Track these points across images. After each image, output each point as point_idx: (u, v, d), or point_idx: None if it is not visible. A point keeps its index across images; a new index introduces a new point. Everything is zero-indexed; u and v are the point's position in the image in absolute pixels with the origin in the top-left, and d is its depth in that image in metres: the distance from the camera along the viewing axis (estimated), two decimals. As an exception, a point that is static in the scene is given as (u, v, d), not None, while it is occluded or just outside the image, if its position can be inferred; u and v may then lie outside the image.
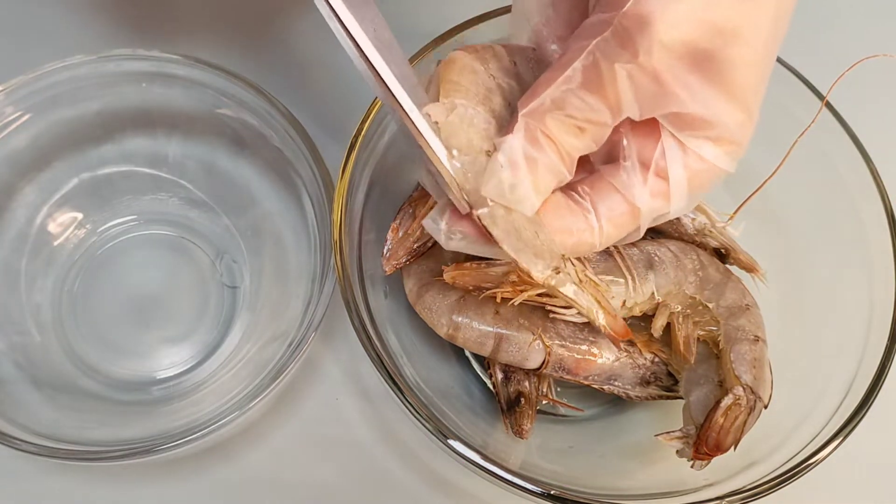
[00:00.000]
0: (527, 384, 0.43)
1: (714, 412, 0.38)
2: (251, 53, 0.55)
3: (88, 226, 0.49)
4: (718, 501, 0.36)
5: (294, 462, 0.45)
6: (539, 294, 0.38)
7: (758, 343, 0.40)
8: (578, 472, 0.41)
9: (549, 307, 0.39)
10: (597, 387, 0.42)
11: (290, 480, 0.45)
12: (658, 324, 0.42)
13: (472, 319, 0.40)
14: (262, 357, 0.43)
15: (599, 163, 0.34)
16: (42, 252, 0.48)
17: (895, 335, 0.39)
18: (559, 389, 0.45)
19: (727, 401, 0.38)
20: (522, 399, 0.42)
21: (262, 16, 0.56)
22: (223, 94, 0.46)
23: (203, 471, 0.45)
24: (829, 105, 0.42)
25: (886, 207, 0.41)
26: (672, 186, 0.32)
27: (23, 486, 0.44)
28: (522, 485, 0.35)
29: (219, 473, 0.45)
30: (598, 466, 0.43)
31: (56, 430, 0.40)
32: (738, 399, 0.38)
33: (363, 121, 0.41)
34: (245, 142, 0.47)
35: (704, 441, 0.38)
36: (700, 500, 0.36)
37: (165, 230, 0.50)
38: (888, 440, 0.47)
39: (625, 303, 0.41)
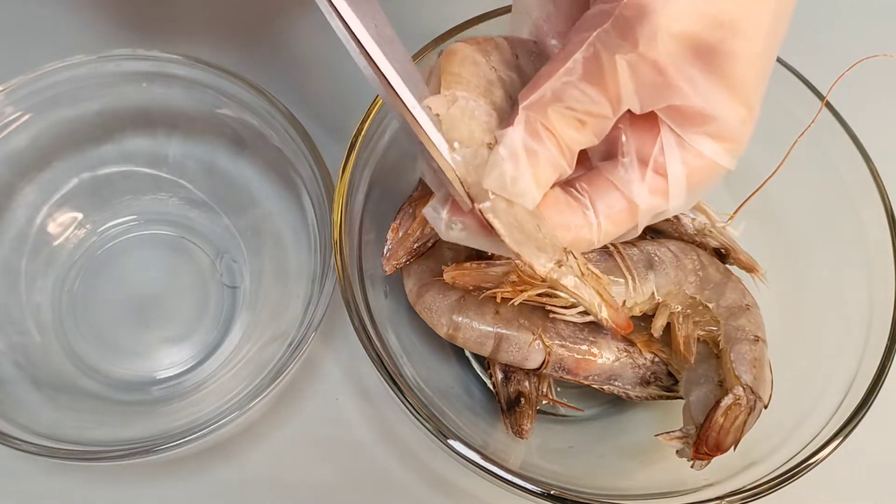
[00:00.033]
0: (527, 384, 0.43)
1: (714, 412, 0.38)
2: (251, 53, 0.54)
3: (88, 226, 0.49)
4: (718, 501, 0.36)
5: (294, 462, 0.45)
6: (539, 294, 0.38)
7: (758, 343, 0.40)
8: (578, 472, 0.41)
9: (549, 307, 0.39)
10: (597, 387, 0.42)
11: (290, 480, 0.45)
12: (658, 324, 0.41)
13: (472, 319, 0.40)
14: (262, 357, 0.43)
15: (598, 160, 0.34)
16: (42, 252, 0.48)
17: (895, 335, 0.39)
18: (559, 389, 0.45)
19: (727, 401, 0.38)
20: (522, 399, 0.42)
21: (262, 16, 0.56)
22: (223, 94, 0.46)
23: (203, 471, 0.45)
24: (829, 105, 0.42)
25: (886, 207, 0.41)
26: (671, 183, 0.32)
27: (23, 486, 0.44)
28: (522, 485, 0.35)
29: (219, 473, 0.45)
30: (598, 466, 0.43)
31: (56, 430, 0.40)
32: (738, 399, 0.38)
33: (363, 121, 0.41)
34: (245, 142, 0.47)
35: (704, 441, 0.38)
36: (700, 500, 0.36)
37: (165, 230, 0.50)
38: (888, 440, 0.47)
39: (625, 303, 0.41)
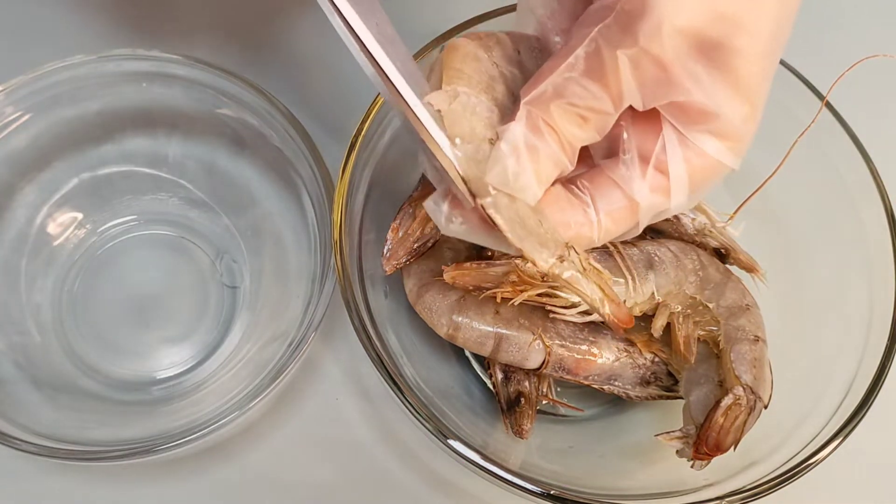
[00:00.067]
0: (527, 384, 0.43)
1: (714, 412, 0.38)
2: (251, 53, 0.55)
3: (88, 226, 0.49)
4: (718, 501, 0.36)
5: (294, 462, 0.45)
6: (539, 294, 0.38)
7: (758, 343, 0.40)
8: (578, 472, 0.41)
9: (549, 307, 0.39)
10: (597, 387, 0.42)
11: (290, 480, 0.45)
12: (658, 324, 0.41)
13: (472, 319, 0.40)
14: (262, 357, 0.43)
15: (600, 157, 0.34)
16: (42, 252, 0.48)
17: (895, 335, 0.39)
18: (559, 389, 0.45)
19: (727, 401, 0.38)
20: (522, 399, 0.42)
21: (262, 16, 0.56)
22: (223, 94, 0.46)
23: (203, 471, 0.45)
24: (829, 105, 0.42)
25: (886, 207, 0.41)
26: (672, 181, 0.32)
27: (23, 486, 0.44)
28: (522, 485, 0.35)
29: (219, 473, 0.45)
30: (598, 466, 0.43)
31: (56, 430, 0.40)
32: (738, 399, 0.38)
33: (363, 121, 0.41)
34: (245, 142, 0.47)
35: (704, 441, 0.38)
36: (700, 500, 0.36)
37: (165, 230, 0.50)
38: (888, 440, 0.47)
39: (625, 303, 0.41)
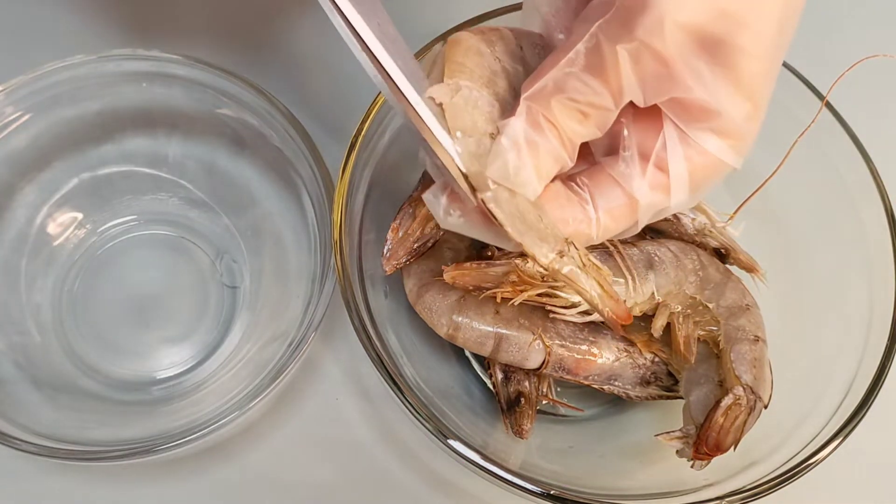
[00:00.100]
0: (527, 384, 0.43)
1: (714, 412, 0.38)
2: (251, 53, 0.55)
3: (88, 226, 0.49)
4: (718, 501, 0.36)
5: (294, 462, 0.45)
6: (539, 294, 0.38)
7: (758, 343, 0.40)
8: (578, 472, 0.41)
9: (549, 307, 0.39)
10: (597, 387, 0.42)
11: (290, 480, 0.45)
12: (658, 324, 0.41)
13: (472, 319, 0.40)
14: (262, 357, 0.43)
15: (601, 155, 0.34)
16: (42, 252, 0.48)
17: (895, 335, 0.39)
18: (559, 389, 0.45)
19: (727, 401, 0.38)
20: (522, 399, 0.42)
21: (263, 16, 0.56)
22: (223, 94, 0.46)
23: (203, 471, 0.45)
24: (829, 105, 0.42)
25: (886, 207, 0.41)
26: (672, 179, 0.32)
27: (23, 486, 0.44)
28: (522, 485, 0.35)
29: (219, 473, 0.45)
30: (598, 466, 0.43)
31: (56, 430, 0.40)
32: (738, 399, 0.38)
33: (363, 121, 0.41)
34: (245, 142, 0.47)
35: (704, 441, 0.38)
36: (700, 500, 0.36)
37: (165, 230, 0.50)
38: (888, 440, 0.47)
39: (625, 303, 0.41)
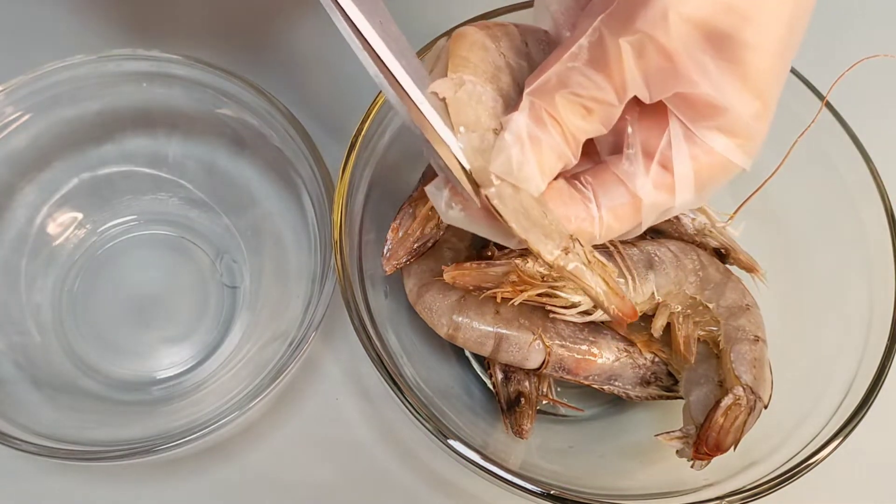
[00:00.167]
0: (527, 384, 0.43)
1: (714, 412, 0.38)
2: (251, 53, 0.55)
3: (88, 226, 0.49)
4: (718, 501, 0.36)
5: (294, 462, 0.45)
6: (539, 294, 0.38)
7: (758, 343, 0.40)
8: (578, 472, 0.41)
9: (549, 307, 0.39)
10: (597, 387, 0.42)
11: (290, 480, 0.45)
12: (658, 324, 0.41)
13: (473, 319, 0.40)
14: (262, 357, 0.43)
15: (607, 154, 0.33)
16: (42, 252, 0.48)
17: (895, 335, 0.39)
18: (559, 389, 0.45)
19: (727, 401, 0.38)
20: (522, 399, 0.42)
21: (263, 16, 0.56)
22: (223, 94, 0.46)
23: (203, 471, 0.45)
24: (829, 105, 0.42)
25: (886, 207, 0.41)
26: (677, 178, 0.31)
27: (23, 486, 0.44)
28: (522, 485, 0.35)
29: (219, 473, 0.45)
30: (598, 466, 0.43)
31: (56, 430, 0.40)
32: (738, 399, 0.38)
33: (363, 121, 0.41)
34: (245, 142, 0.47)
35: (704, 441, 0.38)
36: (700, 500, 0.36)
37: (165, 230, 0.50)
38: (888, 440, 0.47)
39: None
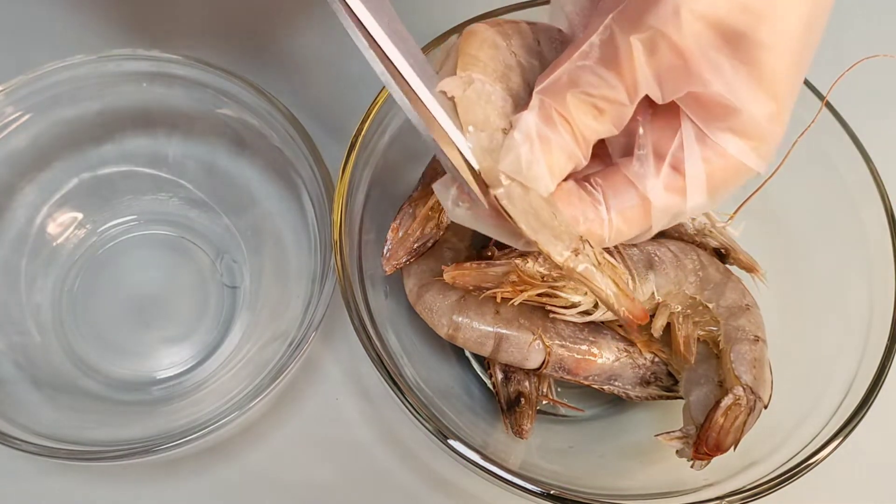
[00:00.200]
0: (527, 384, 0.43)
1: (714, 412, 0.38)
2: (251, 53, 0.54)
3: (88, 226, 0.49)
4: (718, 501, 0.36)
5: (294, 462, 0.45)
6: (539, 294, 0.38)
7: (758, 343, 0.40)
8: (578, 472, 0.41)
9: (549, 307, 0.39)
10: (597, 387, 0.42)
11: (290, 480, 0.45)
12: (658, 324, 0.41)
13: (473, 319, 0.40)
14: (262, 357, 0.43)
15: (618, 156, 0.33)
16: (42, 252, 0.48)
17: (895, 335, 0.39)
18: (559, 389, 0.45)
19: (727, 401, 0.38)
20: (522, 399, 0.42)
21: (263, 16, 0.56)
22: (223, 94, 0.46)
23: (203, 471, 0.45)
24: (829, 105, 0.42)
25: (886, 207, 0.41)
26: (689, 181, 0.31)
27: (23, 486, 0.44)
28: (522, 485, 0.35)
29: (219, 473, 0.45)
30: (598, 466, 0.43)
31: (56, 430, 0.40)
32: (738, 399, 0.38)
33: (363, 121, 0.41)
34: (245, 142, 0.47)
35: (704, 441, 0.38)
36: (700, 500, 0.36)
37: (165, 230, 0.50)
38: (888, 440, 0.47)
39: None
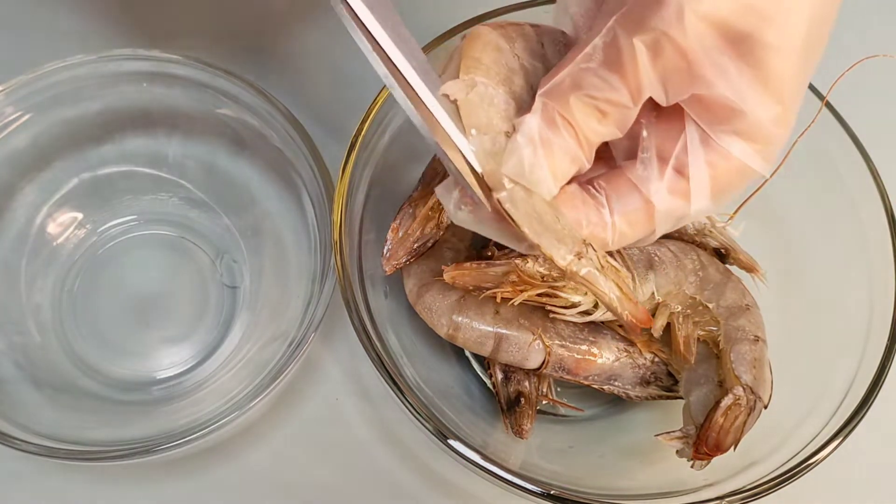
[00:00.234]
0: (527, 384, 0.43)
1: (714, 412, 0.38)
2: (251, 53, 0.54)
3: (88, 226, 0.49)
4: (718, 501, 0.36)
5: (294, 462, 0.45)
6: (539, 294, 0.38)
7: (758, 343, 0.40)
8: (578, 472, 0.41)
9: (549, 307, 0.39)
10: (597, 387, 0.42)
11: (290, 480, 0.45)
12: (658, 324, 0.41)
13: (472, 319, 0.40)
14: (262, 357, 0.43)
15: (623, 159, 0.33)
16: (42, 252, 0.48)
17: (895, 335, 0.39)
18: (559, 389, 0.45)
19: (727, 401, 0.38)
20: (522, 399, 0.42)
21: (263, 16, 0.56)
22: (223, 94, 0.46)
23: (203, 471, 0.45)
24: (829, 105, 0.42)
25: (886, 207, 0.41)
26: (692, 184, 0.30)
27: (23, 486, 0.44)
28: (522, 485, 0.35)
29: (219, 473, 0.45)
30: (598, 466, 0.43)
31: (56, 430, 0.40)
32: (738, 399, 0.38)
33: (363, 121, 0.41)
34: (245, 142, 0.47)
35: (704, 441, 0.38)
36: (700, 500, 0.36)
37: (165, 230, 0.50)
38: (888, 440, 0.47)
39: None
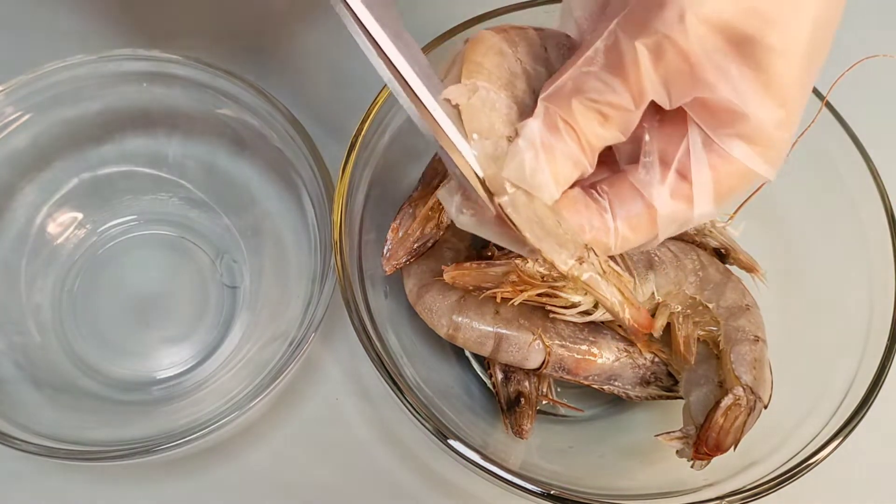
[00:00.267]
0: (527, 384, 0.43)
1: (714, 412, 0.38)
2: (251, 53, 0.54)
3: (88, 226, 0.49)
4: (718, 501, 0.36)
5: (294, 462, 0.45)
6: (539, 294, 0.38)
7: (758, 343, 0.40)
8: (578, 472, 0.41)
9: (549, 307, 0.39)
10: (597, 387, 0.42)
11: (290, 480, 0.45)
12: (658, 324, 0.41)
13: (472, 319, 0.40)
14: (262, 357, 0.43)
15: (625, 163, 0.33)
16: (42, 252, 0.48)
17: (895, 335, 0.39)
18: (559, 389, 0.45)
19: (727, 401, 0.38)
20: (522, 399, 0.42)
21: (263, 16, 0.56)
22: (223, 94, 0.46)
23: (203, 471, 0.45)
24: (829, 105, 0.42)
25: (886, 207, 0.41)
26: (695, 188, 0.30)
27: (23, 486, 0.44)
28: (522, 485, 0.35)
29: (219, 473, 0.45)
30: (598, 466, 0.43)
31: (56, 430, 0.40)
32: (738, 399, 0.38)
33: (363, 121, 0.41)
34: (245, 142, 0.47)
35: (704, 441, 0.38)
36: (700, 500, 0.36)
37: (165, 230, 0.50)
38: (888, 440, 0.47)
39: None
